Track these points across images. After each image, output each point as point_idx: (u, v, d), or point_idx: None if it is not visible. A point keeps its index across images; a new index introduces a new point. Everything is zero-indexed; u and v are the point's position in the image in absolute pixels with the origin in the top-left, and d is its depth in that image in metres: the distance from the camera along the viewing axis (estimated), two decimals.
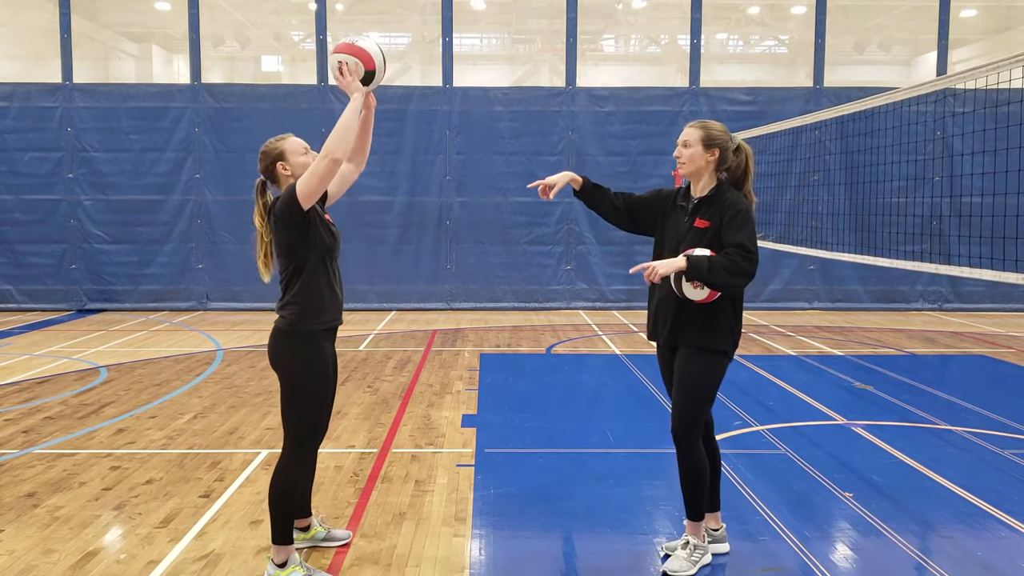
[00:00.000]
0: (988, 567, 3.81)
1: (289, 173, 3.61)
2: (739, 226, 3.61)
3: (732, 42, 19.22)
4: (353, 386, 7.52)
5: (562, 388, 7.55)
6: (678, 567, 3.72)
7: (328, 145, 3.36)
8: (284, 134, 3.72)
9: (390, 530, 4.22)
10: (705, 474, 3.74)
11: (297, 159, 3.62)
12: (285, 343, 3.57)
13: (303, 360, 3.55)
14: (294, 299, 3.55)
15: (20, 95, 12.74)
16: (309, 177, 3.38)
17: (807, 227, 12.54)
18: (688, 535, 3.82)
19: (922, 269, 6.29)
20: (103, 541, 4.08)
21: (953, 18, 13.30)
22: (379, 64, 3.60)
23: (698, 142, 3.75)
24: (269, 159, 3.64)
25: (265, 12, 16.92)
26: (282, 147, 3.63)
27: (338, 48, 3.57)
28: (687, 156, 3.76)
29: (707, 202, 3.74)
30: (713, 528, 3.96)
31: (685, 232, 3.74)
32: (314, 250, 3.54)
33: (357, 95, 3.51)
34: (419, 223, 13.11)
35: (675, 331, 3.73)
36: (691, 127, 3.80)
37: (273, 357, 3.63)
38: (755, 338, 10.42)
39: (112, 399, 7.02)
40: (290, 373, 3.57)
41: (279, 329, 3.60)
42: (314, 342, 3.57)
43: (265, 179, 3.69)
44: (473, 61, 18.91)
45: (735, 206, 3.68)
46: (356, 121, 3.46)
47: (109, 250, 12.89)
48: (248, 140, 12.80)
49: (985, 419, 6.36)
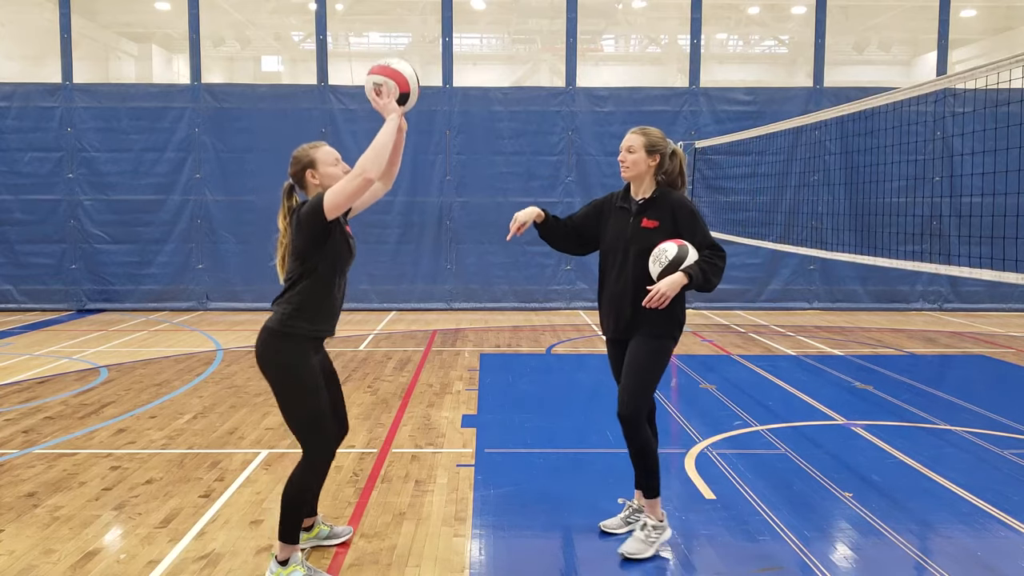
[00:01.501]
0: (988, 567, 3.81)
1: (318, 182, 3.63)
2: (699, 227, 3.89)
3: (732, 42, 19.23)
4: (353, 386, 7.52)
5: (562, 388, 7.55)
6: (636, 549, 3.86)
7: (362, 163, 3.39)
8: (318, 142, 3.74)
9: (390, 530, 4.22)
10: (655, 451, 3.95)
11: (328, 169, 3.63)
12: (271, 343, 3.56)
13: (289, 361, 3.53)
14: (292, 299, 3.55)
15: (20, 95, 12.73)
16: (339, 192, 3.41)
17: (807, 227, 12.54)
18: (645, 515, 3.97)
19: (922, 269, 6.29)
20: (103, 541, 4.08)
21: (953, 18, 13.30)
22: (414, 87, 3.67)
23: (641, 148, 3.98)
24: (300, 165, 3.65)
25: (265, 12, 16.92)
26: (314, 155, 3.64)
27: (374, 70, 3.64)
28: (631, 161, 3.99)
29: (652, 203, 3.98)
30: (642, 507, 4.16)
31: (632, 232, 3.95)
32: (328, 259, 3.56)
33: (394, 116, 3.57)
34: (419, 223, 13.11)
35: (632, 324, 3.93)
36: (635, 134, 4.03)
37: (260, 357, 3.61)
38: (755, 338, 10.42)
39: (112, 399, 7.02)
40: (277, 375, 3.55)
41: (267, 328, 3.59)
42: (300, 346, 3.56)
43: (293, 183, 3.70)
44: (473, 61, 18.92)
45: (686, 206, 3.94)
46: (391, 142, 3.50)
47: (109, 250, 12.89)
48: (248, 140, 12.81)
49: (985, 419, 6.36)
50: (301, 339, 3.56)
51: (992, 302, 13.32)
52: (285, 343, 3.54)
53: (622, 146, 4.03)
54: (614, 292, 3.99)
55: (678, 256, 3.74)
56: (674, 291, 3.70)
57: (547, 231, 4.19)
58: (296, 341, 3.55)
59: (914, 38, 17.88)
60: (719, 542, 4.08)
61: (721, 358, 9.01)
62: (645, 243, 3.87)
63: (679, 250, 3.76)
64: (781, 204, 12.75)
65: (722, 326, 11.54)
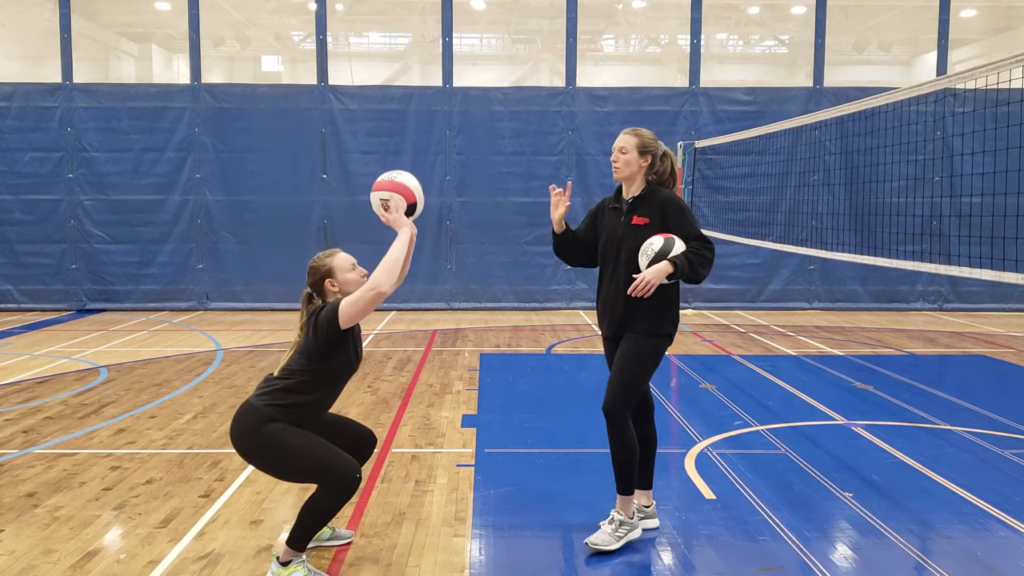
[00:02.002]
0: (988, 567, 3.81)
1: (337, 289, 3.70)
2: (686, 220, 3.93)
3: (732, 42, 19.22)
4: (353, 386, 7.52)
5: (562, 388, 7.55)
6: (601, 540, 3.93)
7: (376, 278, 3.47)
8: (332, 250, 3.82)
9: (390, 530, 4.22)
10: (635, 449, 3.99)
11: (345, 276, 3.72)
12: (247, 418, 3.53)
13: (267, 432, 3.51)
14: (286, 398, 3.55)
15: (20, 95, 12.73)
16: (354, 304, 3.48)
17: (807, 227, 12.54)
18: (616, 511, 4.01)
19: (922, 269, 6.29)
20: (103, 541, 4.08)
21: (953, 18, 13.30)
22: (419, 198, 3.80)
23: (634, 148, 4.05)
24: (318, 275, 3.72)
25: (265, 12, 16.92)
26: (331, 264, 3.72)
27: (379, 186, 3.75)
28: (623, 161, 4.06)
29: (641, 201, 4.04)
30: (645, 505, 4.22)
31: (624, 230, 4.01)
32: (334, 366, 3.62)
33: (405, 230, 3.67)
34: (419, 223, 12.99)
35: (625, 321, 3.96)
36: (628, 135, 4.10)
37: (238, 436, 3.56)
38: (755, 338, 10.42)
39: (112, 399, 7.02)
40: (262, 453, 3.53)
41: (249, 403, 3.57)
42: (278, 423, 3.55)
43: (312, 292, 3.76)
44: (473, 61, 18.90)
45: (675, 202, 3.99)
46: (404, 255, 3.60)
47: (109, 250, 12.89)
48: (248, 140, 12.81)
49: (985, 419, 6.36)
50: (281, 422, 3.55)
51: (992, 302, 13.32)
52: (263, 421, 3.52)
53: (615, 147, 4.11)
54: (609, 290, 4.05)
55: (664, 248, 3.78)
56: (658, 279, 3.73)
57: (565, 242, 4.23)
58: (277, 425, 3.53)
59: (914, 38, 17.87)
60: (719, 542, 4.08)
61: (721, 358, 9.01)
62: (636, 240, 3.92)
63: (665, 242, 3.80)
64: (781, 204, 12.75)
65: (722, 326, 11.54)
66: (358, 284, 3.70)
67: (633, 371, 3.92)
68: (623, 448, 3.95)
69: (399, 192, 3.73)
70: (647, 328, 3.93)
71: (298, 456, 3.52)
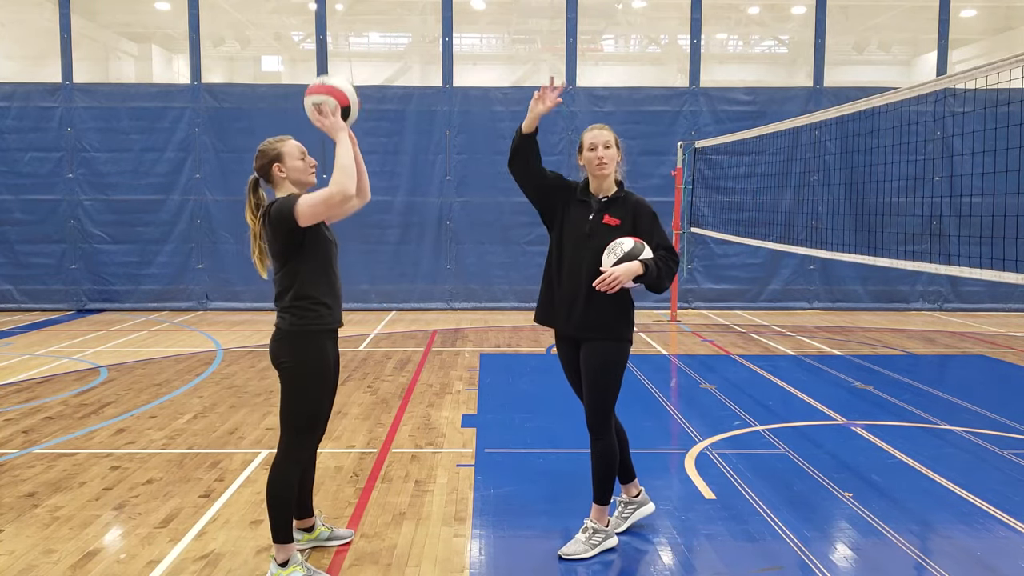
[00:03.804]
0: (988, 567, 3.81)
1: (284, 176, 3.63)
2: (657, 229, 3.88)
3: (732, 42, 19.24)
4: (353, 386, 7.52)
5: (562, 388, 7.52)
6: (575, 550, 3.89)
7: (337, 182, 3.39)
8: (283, 136, 3.72)
9: (390, 530, 4.22)
10: (616, 458, 3.94)
11: (294, 163, 3.64)
12: (287, 343, 3.57)
13: (304, 361, 3.55)
14: (293, 303, 3.55)
15: (20, 95, 12.73)
16: (317, 204, 3.41)
17: (807, 227, 12.53)
18: (591, 520, 3.97)
19: (922, 269, 6.29)
20: (103, 541, 4.08)
21: (953, 18, 13.30)
22: (353, 99, 3.65)
23: (615, 144, 3.96)
24: (266, 159, 3.65)
25: (265, 12, 16.93)
26: (280, 149, 3.64)
27: (310, 90, 3.61)
28: (610, 157, 3.93)
29: (614, 202, 3.93)
30: (635, 494, 4.24)
31: (592, 227, 3.88)
32: (312, 257, 3.56)
33: (343, 133, 3.55)
34: (419, 223, 13.11)
35: (586, 325, 3.87)
36: (606, 130, 3.98)
37: (274, 356, 3.62)
38: (755, 338, 10.42)
39: (112, 399, 7.02)
40: (291, 373, 3.57)
41: (281, 329, 3.59)
42: (316, 343, 3.58)
43: (259, 177, 3.70)
44: (473, 61, 18.92)
45: (647, 208, 3.92)
46: (352, 159, 3.49)
47: (109, 250, 12.89)
48: (248, 140, 12.79)
49: (985, 419, 6.36)
50: (315, 335, 3.57)
51: (992, 302, 13.32)
52: (302, 342, 3.55)
53: (598, 141, 3.89)
54: (568, 286, 3.89)
55: (633, 250, 3.72)
56: (627, 277, 3.66)
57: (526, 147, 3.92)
58: (313, 338, 3.56)
59: (914, 38, 17.88)
60: (719, 542, 4.08)
61: (721, 358, 9.01)
62: (604, 240, 3.81)
63: (635, 245, 3.74)
64: (781, 204, 12.75)
65: (722, 326, 11.54)
66: (305, 173, 3.65)
67: (606, 383, 3.85)
68: (607, 459, 3.90)
69: (331, 95, 3.57)
70: (610, 333, 3.85)
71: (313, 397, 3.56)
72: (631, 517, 4.22)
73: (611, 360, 3.86)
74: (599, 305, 3.81)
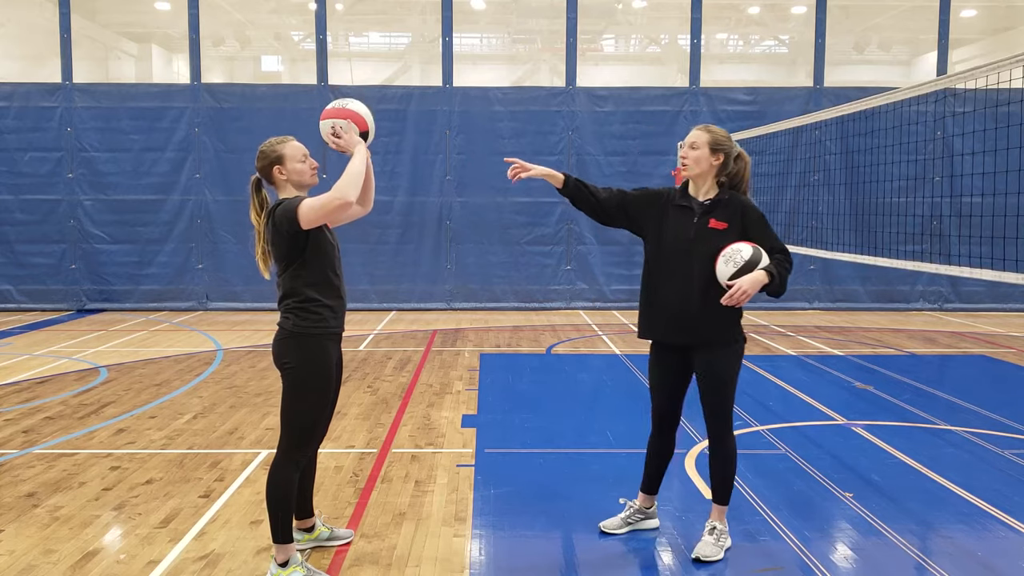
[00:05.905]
0: (988, 567, 3.81)
1: (285, 178, 3.63)
2: (768, 232, 3.79)
3: (732, 42, 19.23)
4: (353, 386, 7.52)
5: (562, 388, 7.55)
6: (710, 552, 3.87)
7: (340, 188, 3.39)
8: (285, 137, 3.72)
9: (390, 530, 4.22)
10: (736, 459, 3.92)
11: (295, 165, 3.64)
12: (290, 345, 3.56)
13: (307, 363, 3.54)
14: (296, 305, 3.54)
15: (20, 95, 12.73)
16: (317, 209, 3.40)
17: (807, 227, 12.54)
18: (714, 520, 3.96)
19: (922, 269, 6.29)
20: (103, 541, 4.08)
21: (953, 18, 13.31)
22: (371, 125, 3.72)
23: (706, 145, 3.82)
24: (267, 160, 3.64)
25: (265, 12, 16.93)
26: (282, 151, 3.64)
27: (328, 114, 3.68)
28: (694, 158, 3.83)
29: (719, 204, 3.83)
30: (646, 507, 4.22)
31: (697, 232, 3.79)
32: (314, 259, 3.56)
33: (360, 147, 3.59)
34: (419, 223, 13.11)
35: (701, 333, 3.78)
36: (700, 130, 3.87)
37: (277, 356, 3.61)
38: (755, 338, 10.42)
39: (112, 399, 7.02)
40: (293, 374, 3.56)
41: (284, 330, 3.58)
42: (319, 345, 3.57)
43: (260, 178, 3.69)
44: (473, 61, 18.91)
45: (755, 210, 3.83)
46: (363, 169, 3.51)
47: (109, 250, 12.89)
48: (248, 140, 12.79)
49: (985, 419, 6.36)
50: (318, 338, 3.56)
51: (992, 302, 13.32)
52: (305, 344, 3.55)
53: (685, 142, 3.88)
54: (674, 294, 3.79)
55: (753, 258, 3.60)
56: (755, 289, 3.57)
57: (572, 195, 3.99)
58: (313, 341, 3.56)
59: (914, 38, 17.88)
60: None
61: None
62: (710, 244, 3.71)
63: (754, 252, 3.62)
64: (781, 204, 12.75)
65: None
66: (307, 175, 3.65)
67: (728, 390, 3.81)
68: (729, 462, 3.89)
69: (350, 119, 3.65)
70: (727, 338, 3.79)
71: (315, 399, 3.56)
72: (634, 525, 4.21)
73: (732, 365, 3.81)
74: (713, 312, 3.72)
